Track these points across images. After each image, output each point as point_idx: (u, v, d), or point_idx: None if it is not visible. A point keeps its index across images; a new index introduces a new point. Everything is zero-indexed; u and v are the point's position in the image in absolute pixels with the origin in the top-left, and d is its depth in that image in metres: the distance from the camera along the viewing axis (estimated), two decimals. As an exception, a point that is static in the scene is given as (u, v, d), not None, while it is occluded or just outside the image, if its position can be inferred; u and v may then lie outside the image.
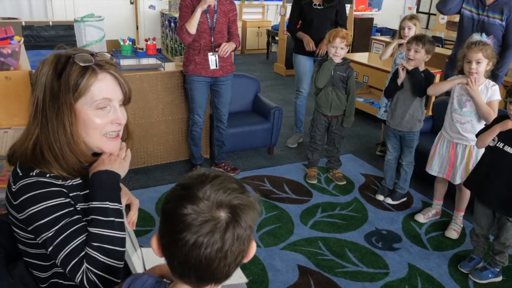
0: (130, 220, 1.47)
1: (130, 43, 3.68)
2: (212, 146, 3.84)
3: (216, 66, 3.36)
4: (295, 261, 2.73)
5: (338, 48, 3.37)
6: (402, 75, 3.16)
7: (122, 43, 3.66)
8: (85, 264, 1.14)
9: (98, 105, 1.16)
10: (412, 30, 3.74)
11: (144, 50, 3.72)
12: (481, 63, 2.69)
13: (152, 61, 3.72)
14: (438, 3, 3.83)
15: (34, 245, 1.21)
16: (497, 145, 2.44)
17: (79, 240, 1.15)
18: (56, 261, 1.15)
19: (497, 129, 2.44)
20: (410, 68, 3.11)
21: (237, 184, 0.90)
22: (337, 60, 3.43)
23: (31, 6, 7.31)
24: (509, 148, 2.39)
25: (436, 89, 3.01)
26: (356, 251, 2.87)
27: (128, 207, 1.54)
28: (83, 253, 1.15)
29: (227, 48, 3.27)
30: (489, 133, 2.48)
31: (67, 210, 1.16)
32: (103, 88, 1.16)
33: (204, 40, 3.29)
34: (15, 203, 1.15)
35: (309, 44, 4.04)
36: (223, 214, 0.83)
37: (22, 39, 3.03)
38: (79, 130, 1.17)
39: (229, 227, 0.83)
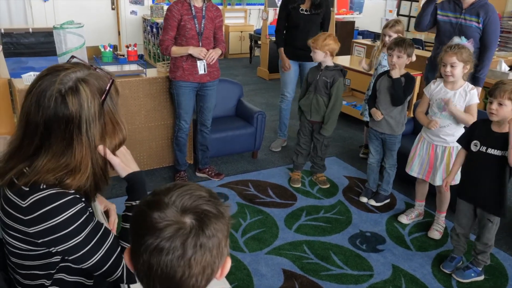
0: (113, 225, 1.55)
1: (111, 49, 3.66)
2: (196, 151, 3.83)
3: (205, 71, 3.37)
4: (280, 265, 2.73)
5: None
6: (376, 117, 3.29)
7: (102, 49, 3.64)
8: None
9: None
10: (392, 38, 3.78)
11: (125, 56, 3.70)
12: (455, 66, 2.74)
13: (133, 67, 3.70)
14: (415, 25, 3.95)
15: (37, 256, 1.22)
16: (480, 149, 2.49)
17: (110, 239, 1.23)
18: (85, 265, 1.20)
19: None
20: (395, 76, 3.14)
21: (207, 192, 0.88)
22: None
23: (10, 13, 7.21)
24: (493, 150, 2.43)
25: (418, 118, 3.08)
26: (341, 253, 2.88)
27: (105, 213, 1.61)
28: (118, 249, 1.24)
29: (213, 55, 3.29)
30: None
31: (87, 214, 1.21)
32: None
33: (192, 46, 3.29)
34: (26, 218, 1.14)
35: (285, 65, 4.20)
36: (188, 220, 0.81)
37: (1, 46, 2.99)
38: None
39: (191, 233, 0.80)
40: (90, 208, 1.25)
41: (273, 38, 7.29)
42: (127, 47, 3.72)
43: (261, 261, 2.77)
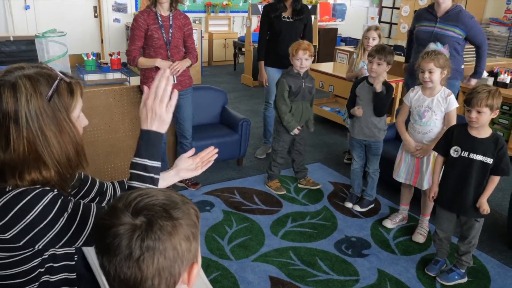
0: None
1: (94, 57, 3.64)
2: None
3: (174, 81, 3.35)
4: (267, 272, 2.73)
5: (302, 60, 3.43)
6: (358, 113, 3.32)
7: (85, 58, 3.61)
8: None
9: (78, 117, 1.28)
10: (375, 41, 3.83)
11: (109, 64, 3.67)
12: (433, 72, 2.80)
13: (117, 75, 3.68)
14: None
15: (14, 263, 1.20)
16: (462, 155, 2.53)
17: (92, 214, 1.23)
18: (77, 243, 1.21)
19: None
20: (378, 90, 3.18)
21: (164, 195, 0.86)
22: (303, 71, 3.48)
23: (-10, 21, 7.12)
24: (475, 155, 2.48)
25: (399, 128, 3.12)
26: (327, 259, 2.90)
27: None
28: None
29: (178, 67, 3.24)
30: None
31: (59, 203, 1.18)
32: (80, 102, 1.28)
33: (160, 56, 3.26)
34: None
35: (263, 81, 4.27)
36: (137, 222, 0.80)
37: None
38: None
39: (135, 233, 0.79)
40: (64, 196, 1.24)
41: (257, 46, 7.38)
42: (111, 55, 3.69)
43: (247, 268, 2.76)
